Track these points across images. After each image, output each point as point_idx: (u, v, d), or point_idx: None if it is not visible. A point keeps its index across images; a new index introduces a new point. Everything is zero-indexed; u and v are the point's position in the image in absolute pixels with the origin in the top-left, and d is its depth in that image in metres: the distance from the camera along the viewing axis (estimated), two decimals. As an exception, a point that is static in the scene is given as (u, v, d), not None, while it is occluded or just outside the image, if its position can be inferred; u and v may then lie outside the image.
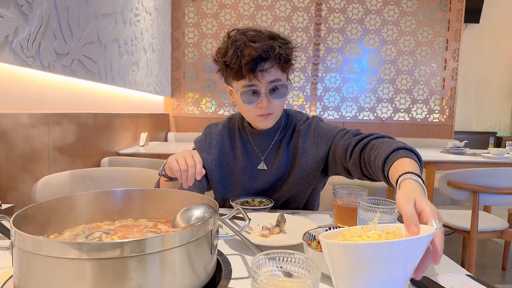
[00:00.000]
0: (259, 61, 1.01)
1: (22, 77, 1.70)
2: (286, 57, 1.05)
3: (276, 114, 1.13)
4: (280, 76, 1.07)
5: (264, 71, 1.03)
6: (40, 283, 0.55)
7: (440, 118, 4.39)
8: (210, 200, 0.78)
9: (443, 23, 4.27)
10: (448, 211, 2.46)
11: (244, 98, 1.07)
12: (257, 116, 1.10)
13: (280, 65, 1.05)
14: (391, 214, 0.84)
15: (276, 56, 1.03)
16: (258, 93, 1.05)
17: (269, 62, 1.03)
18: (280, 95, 1.08)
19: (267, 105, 1.06)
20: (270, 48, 1.01)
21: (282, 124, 1.21)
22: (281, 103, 1.11)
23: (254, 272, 0.49)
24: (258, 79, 1.03)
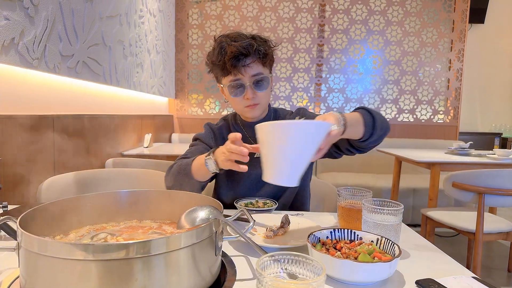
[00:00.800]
0: (240, 57, 1.15)
1: (28, 79, 1.71)
2: (265, 52, 1.18)
3: (262, 105, 1.25)
4: (262, 70, 1.20)
5: (247, 66, 1.16)
6: (46, 284, 0.56)
7: (444, 119, 4.37)
8: (214, 201, 0.78)
9: (447, 23, 4.26)
10: (453, 212, 2.45)
11: (231, 91, 1.20)
12: (245, 107, 1.23)
13: (260, 60, 1.19)
14: (396, 216, 0.84)
15: (255, 52, 1.16)
16: (243, 86, 1.19)
17: (250, 57, 1.17)
18: (263, 87, 1.21)
19: (252, 96, 1.19)
20: (249, 45, 1.15)
21: (272, 117, 1.36)
22: (265, 94, 1.23)
23: (259, 273, 0.49)
24: (242, 73, 1.17)
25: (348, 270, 0.68)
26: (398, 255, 0.70)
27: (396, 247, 0.74)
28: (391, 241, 0.76)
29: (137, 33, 3.00)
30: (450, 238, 3.30)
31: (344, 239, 0.82)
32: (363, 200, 0.88)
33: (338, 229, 0.82)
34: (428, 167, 2.74)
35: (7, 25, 1.44)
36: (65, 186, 1.54)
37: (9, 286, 0.66)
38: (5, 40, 1.43)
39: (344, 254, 0.74)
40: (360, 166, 4.18)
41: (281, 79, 4.33)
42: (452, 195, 2.27)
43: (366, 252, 0.73)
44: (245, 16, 4.24)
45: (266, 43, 1.21)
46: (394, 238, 0.83)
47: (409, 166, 4.12)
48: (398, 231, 0.85)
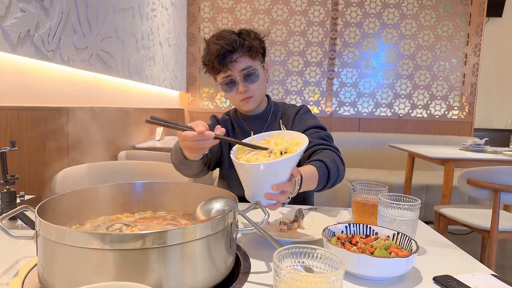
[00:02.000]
0: (227, 53, 1.18)
1: (42, 71, 1.73)
2: (249, 45, 1.20)
3: (256, 97, 1.27)
4: (250, 63, 1.22)
5: (234, 61, 1.19)
6: (64, 272, 0.56)
7: (459, 115, 4.29)
8: (229, 193, 0.78)
9: (464, 17, 4.16)
10: (467, 209, 2.41)
11: (224, 87, 1.24)
12: (240, 101, 1.26)
13: (247, 53, 1.21)
14: (412, 211, 0.82)
15: (241, 46, 1.19)
16: (234, 81, 1.22)
17: (236, 53, 1.19)
18: (253, 79, 1.23)
19: (244, 89, 1.22)
20: (233, 41, 1.18)
21: (272, 110, 1.37)
22: (258, 86, 1.26)
23: (276, 266, 0.49)
24: (231, 69, 1.20)
25: (365, 265, 0.67)
26: (416, 251, 0.69)
27: (413, 242, 0.73)
28: (408, 237, 0.75)
29: (149, 26, 3.01)
30: (463, 236, 3.26)
31: (360, 234, 0.81)
32: (379, 195, 0.86)
33: (353, 224, 0.81)
34: (442, 163, 2.69)
35: (22, 17, 1.45)
36: (78, 177, 1.56)
37: (27, 274, 0.67)
38: (21, 32, 1.44)
39: (360, 249, 0.73)
40: (372, 161, 4.14)
41: (293, 73, 4.30)
42: (466, 192, 2.23)
43: (382, 247, 0.71)
44: (257, 9, 4.21)
45: (250, 36, 1.22)
46: (411, 234, 0.82)
47: (422, 163, 4.06)
48: (415, 226, 0.83)
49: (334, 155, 1.08)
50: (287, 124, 1.34)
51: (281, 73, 4.29)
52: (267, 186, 0.79)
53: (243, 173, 0.82)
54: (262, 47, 1.27)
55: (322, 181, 1.00)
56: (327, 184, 1.02)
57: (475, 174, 2.19)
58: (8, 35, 1.38)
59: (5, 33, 1.36)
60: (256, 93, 1.26)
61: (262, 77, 1.28)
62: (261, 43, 1.26)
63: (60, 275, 0.57)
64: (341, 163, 1.09)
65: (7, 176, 0.93)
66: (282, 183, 0.80)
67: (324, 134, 1.22)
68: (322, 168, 1.00)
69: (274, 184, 0.79)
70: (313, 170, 0.98)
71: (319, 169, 0.99)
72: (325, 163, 1.02)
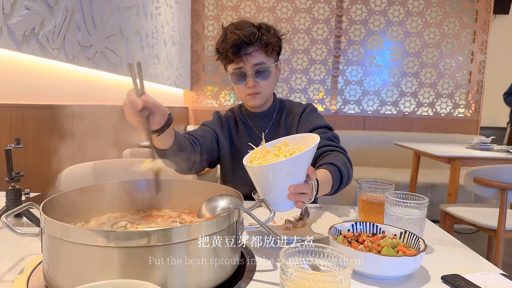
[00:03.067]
0: (242, 45, 1.15)
1: (47, 68, 1.73)
2: (267, 41, 1.17)
3: (264, 94, 1.25)
4: (264, 59, 1.20)
5: (248, 55, 1.17)
6: (68, 269, 0.56)
7: (465, 113, 4.25)
8: (234, 191, 0.77)
9: (470, 14, 4.11)
10: (473, 208, 2.39)
11: (233, 78, 1.22)
12: (247, 96, 1.24)
13: (263, 49, 1.18)
14: (420, 209, 0.81)
15: (258, 41, 1.16)
16: (245, 75, 1.20)
17: (252, 46, 1.17)
18: (265, 76, 1.21)
19: (253, 84, 1.20)
20: (251, 34, 1.15)
21: (277, 107, 1.35)
22: (267, 84, 1.23)
23: (283, 264, 0.48)
24: (244, 61, 1.18)
25: (372, 264, 0.66)
26: (424, 250, 0.68)
27: (421, 241, 0.72)
28: (416, 235, 0.74)
29: (153, 24, 3.01)
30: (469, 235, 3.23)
31: (366, 233, 0.80)
32: (386, 193, 0.85)
33: (360, 222, 0.81)
34: (448, 161, 2.67)
35: (28, 15, 1.45)
36: (83, 175, 1.56)
37: (32, 271, 0.67)
38: (26, 29, 1.45)
39: (367, 248, 0.72)
40: (377, 160, 4.12)
41: (297, 71, 4.28)
42: (473, 191, 2.21)
43: (390, 246, 0.70)
44: (261, 7, 4.19)
45: (269, 32, 1.20)
46: (418, 232, 0.81)
47: (427, 161, 4.02)
48: (422, 225, 0.82)
49: (343, 157, 1.06)
50: (292, 123, 1.32)
51: (285, 71, 4.28)
52: (284, 188, 0.76)
53: (256, 176, 0.79)
54: (279, 45, 1.25)
55: (335, 185, 0.98)
56: (339, 188, 1.01)
57: (481, 173, 2.16)
58: (13, 32, 1.38)
59: (10, 31, 1.36)
60: (265, 90, 1.24)
61: (273, 75, 1.25)
62: (279, 41, 1.24)
63: (65, 272, 0.57)
64: (350, 166, 1.07)
65: (12, 173, 0.93)
66: (299, 184, 0.77)
67: (331, 135, 1.20)
68: (336, 173, 0.98)
69: (291, 185, 0.76)
70: (327, 174, 0.96)
71: (332, 173, 0.97)
72: (338, 167, 1.00)
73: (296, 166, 0.76)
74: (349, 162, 1.08)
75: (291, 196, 0.77)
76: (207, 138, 1.27)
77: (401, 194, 0.86)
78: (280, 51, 1.29)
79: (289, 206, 0.79)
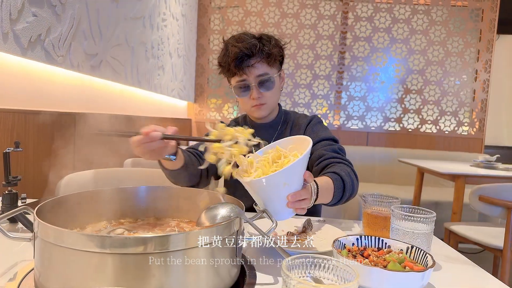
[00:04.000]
0: (244, 57, 1.15)
1: (51, 75, 1.73)
2: (269, 52, 1.17)
3: (269, 105, 1.24)
4: (267, 70, 1.19)
5: (251, 66, 1.17)
6: (61, 276, 0.53)
7: (469, 131, 4.23)
8: (236, 200, 0.75)
9: (474, 33, 4.14)
10: (478, 227, 2.34)
11: (237, 91, 1.22)
12: (252, 107, 1.23)
13: (265, 60, 1.18)
14: (427, 224, 0.79)
15: (259, 52, 1.16)
16: (248, 87, 1.19)
17: (254, 58, 1.16)
18: (269, 87, 1.20)
19: (257, 96, 1.20)
20: (252, 45, 1.15)
21: (282, 118, 1.34)
22: (272, 94, 1.23)
23: (286, 276, 0.45)
24: (246, 73, 1.17)
25: (377, 279, 0.63)
26: (432, 266, 0.65)
27: (428, 257, 0.69)
28: (423, 251, 0.71)
29: (159, 36, 3.03)
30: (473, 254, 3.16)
31: (372, 247, 0.77)
32: (392, 206, 0.83)
33: (365, 236, 0.78)
34: (452, 179, 2.63)
35: (34, 21, 1.46)
36: (83, 183, 1.54)
37: (23, 278, 0.64)
38: (32, 36, 1.45)
39: (372, 262, 0.69)
40: (380, 176, 4.08)
41: (301, 85, 4.29)
42: (478, 209, 2.17)
43: (396, 261, 0.68)
44: (266, 23, 4.24)
45: (271, 42, 1.19)
46: (425, 248, 0.78)
47: (431, 178, 3.98)
48: (430, 240, 0.79)
49: (348, 169, 1.04)
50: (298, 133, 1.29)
51: (289, 85, 4.29)
52: (282, 198, 0.75)
53: (252, 190, 0.78)
54: (281, 55, 1.24)
55: (338, 195, 0.96)
56: (342, 198, 0.98)
57: (487, 191, 2.13)
58: (19, 38, 1.38)
59: (16, 37, 1.37)
60: (270, 100, 1.23)
61: (277, 85, 1.25)
62: (281, 51, 1.23)
63: (56, 279, 0.54)
64: (355, 178, 1.05)
65: (9, 177, 0.92)
66: (297, 191, 0.76)
67: (337, 147, 1.17)
68: (338, 181, 0.96)
69: (289, 194, 0.75)
70: (328, 181, 0.94)
71: (334, 182, 0.95)
72: (341, 176, 0.98)
73: (292, 175, 0.75)
74: (355, 175, 1.05)
75: (290, 204, 0.76)
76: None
77: (408, 208, 0.83)
78: (283, 60, 1.28)
79: (289, 213, 0.78)
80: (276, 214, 0.76)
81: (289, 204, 0.75)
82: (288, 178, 0.74)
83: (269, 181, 0.73)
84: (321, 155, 1.14)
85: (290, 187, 0.75)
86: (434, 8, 4.12)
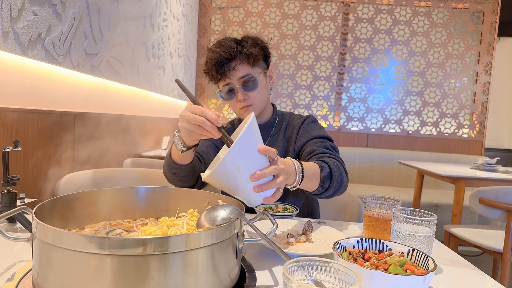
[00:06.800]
0: (224, 61, 1.16)
1: (51, 75, 1.73)
2: (247, 53, 1.16)
3: (257, 105, 1.23)
4: (249, 71, 1.19)
5: (232, 69, 1.17)
6: (59, 277, 0.53)
7: (469, 134, 4.23)
8: (236, 201, 0.74)
9: (475, 35, 4.14)
10: (478, 230, 2.33)
11: (224, 95, 1.22)
12: (240, 109, 1.22)
13: (246, 61, 1.18)
14: (428, 227, 0.78)
15: (239, 54, 1.16)
16: (233, 90, 1.19)
17: (234, 61, 1.17)
18: (252, 87, 1.19)
19: (243, 98, 1.19)
20: (231, 49, 1.16)
21: (277, 120, 1.34)
22: (258, 94, 1.21)
23: (286, 279, 0.45)
24: (229, 77, 1.18)
25: (378, 282, 0.62)
26: (434, 269, 0.64)
27: (430, 260, 0.68)
28: (424, 254, 0.70)
29: (160, 36, 3.03)
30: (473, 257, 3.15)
31: (372, 250, 0.76)
32: (393, 209, 0.82)
33: (365, 239, 0.77)
34: (452, 181, 2.63)
35: (35, 20, 1.45)
36: (82, 183, 1.53)
37: (21, 278, 0.64)
38: (32, 35, 1.45)
39: (373, 265, 0.68)
40: (380, 178, 4.08)
41: (301, 86, 4.29)
42: (478, 212, 2.16)
43: (397, 264, 0.67)
44: (267, 23, 4.23)
45: (248, 43, 1.19)
46: (426, 251, 0.78)
47: (431, 181, 3.99)
48: (431, 243, 0.79)
49: (338, 163, 1.03)
50: (291, 135, 1.29)
51: (289, 87, 4.29)
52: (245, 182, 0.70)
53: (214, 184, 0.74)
54: (264, 54, 1.23)
55: (324, 183, 0.94)
56: (329, 188, 0.96)
57: (487, 194, 2.12)
58: (19, 37, 1.38)
59: (16, 35, 1.36)
60: (256, 101, 1.22)
61: (263, 85, 1.23)
62: (262, 50, 1.22)
63: (54, 280, 0.54)
64: (344, 173, 1.04)
65: (8, 176, 0.91)
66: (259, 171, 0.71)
67: (329, 145, 1.16)
68: (325, 168, 0.95)
69: (251, 175, 0.70)
70: (314, 166, 0.93)
71: (321, 168, 0.94)
72: (328, 165, 0.97)
73: (240, 156, 0.69)
74: (345, 171, 1.04)
75: (257, 188, 0.71)
76: (210, 154, 1.25)
77: (409, 211, 0.83)
78: (268, 59, 1.27)
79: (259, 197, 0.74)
80: (248, 201, 0.73)
81: (255, 188, 0.71)
82: (238, 161, 0.69)
83: (219, 171, 0.68)
84: (311, 151, 1.13)
85: (247, 169, 0.70)
86: (435, 10, 4.12)
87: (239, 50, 1.17)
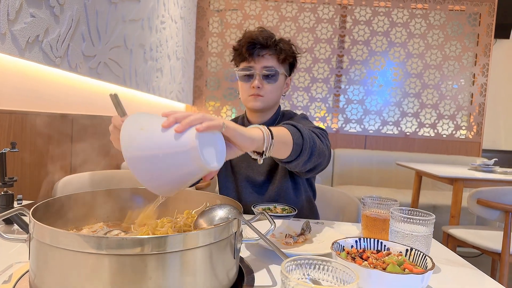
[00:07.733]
0: (257, 45, 1.18)
1: (49, 77, 1.73)
2: (282, 48, 1.20)
3: (267, 98, 1.24)
4: (275, 65, 1.21)
5: (261, 56, 1.20)
6: (57, 277, 0.53)
7: (467, 135, 4.24)
8: (233, 201, 0.74)
9: (472, 37, 4.16)
10: (476, 231, 2.34)
11: (241, 75, 1.24)
12: (249, 96, 1.24)
13: (276, 55, 1.21)
14: (426, 226, 0.78)
15: (274, 45, 1.20)
16: (253, 74, 1.21)
17: (266, 49, 1.20)
18: (272, 80, 1.22)
19: (258, 85, 1.20)
20: (268, 36, 1.19)
21: (278, 119, 1.34)
22: (273, 88, 1.23)
23: (284, 277, 0.45)
24: (255, 61, 1.20)
25: (377, 281, 0.62)
26: (432, 268, 0.65)
27: (428, 259, 0.68)
28: (422, 253, 0.70)
29: (158, 38, 3.03)
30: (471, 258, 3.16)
31: (370, 249, 0.76)
32: (392, 208, 0.82)
33: (363, 238, 0.77)
34: (450, 182, 2.63)
35: (32, 22, 1.45)
36: (80, 186, 1.53)
37: (18, 280, 0.63)
38: (30, 37, 1.44)
39: (372, 265, 0.68)
40: (378, 179, 4.08)
41: (299, 88, 4.29)
42: (476, 213, 2.17)
43: (395, 263, 0.67)
44: (265, 26, 4.22)
45: (286, 43, 1.24)
46: (425, 251, 0.78)
47: (429, 182, 3.99)
48: (429, 243, 0.79)
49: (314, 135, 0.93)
50: None
51: (287, 89, 4.29)
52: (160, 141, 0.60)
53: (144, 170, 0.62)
54: (293, 57, 1.27)
55: (296, 148, 0.83)
56: (301, 153, 0.85)
57: (485, 194, 2.13)
58: (17, 39, 1.38)
59: (13, 37, 1.36)
60: (268, 94, 1.23)
61: (280, 84, 1.25)
62: (293, 56, 1.26)
63: (52, 280, 0.53)
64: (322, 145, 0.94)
65: (5, 178, 0.91)
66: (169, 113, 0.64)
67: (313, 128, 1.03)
68: (296, 133, 0.85)
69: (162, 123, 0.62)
70: (282, 129, 0.82)
71: (292, 133, 0.84)
72: (298, 128, 0.87)
73: (143, 118, 0.64)
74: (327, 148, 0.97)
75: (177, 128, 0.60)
76: None
77: (407, 210, 0.83)
78: (293, 67, 1.31)
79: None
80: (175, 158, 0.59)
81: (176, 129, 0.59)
82: (143, 123, 0.64)
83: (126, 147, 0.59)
84: None
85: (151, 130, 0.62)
86: (432, 12, 4.14)
87: (276, 43, 1.20)
